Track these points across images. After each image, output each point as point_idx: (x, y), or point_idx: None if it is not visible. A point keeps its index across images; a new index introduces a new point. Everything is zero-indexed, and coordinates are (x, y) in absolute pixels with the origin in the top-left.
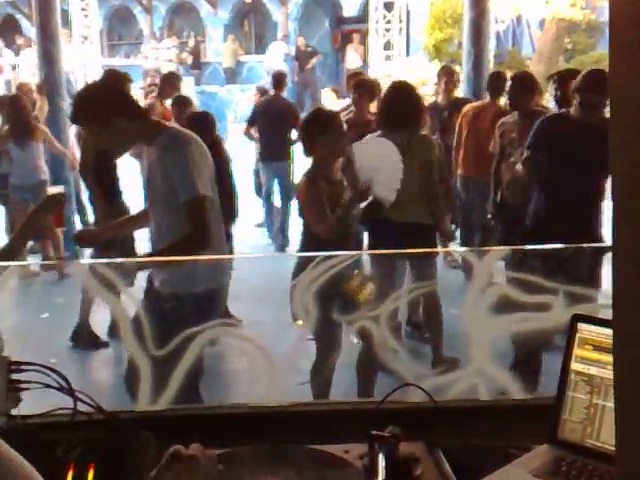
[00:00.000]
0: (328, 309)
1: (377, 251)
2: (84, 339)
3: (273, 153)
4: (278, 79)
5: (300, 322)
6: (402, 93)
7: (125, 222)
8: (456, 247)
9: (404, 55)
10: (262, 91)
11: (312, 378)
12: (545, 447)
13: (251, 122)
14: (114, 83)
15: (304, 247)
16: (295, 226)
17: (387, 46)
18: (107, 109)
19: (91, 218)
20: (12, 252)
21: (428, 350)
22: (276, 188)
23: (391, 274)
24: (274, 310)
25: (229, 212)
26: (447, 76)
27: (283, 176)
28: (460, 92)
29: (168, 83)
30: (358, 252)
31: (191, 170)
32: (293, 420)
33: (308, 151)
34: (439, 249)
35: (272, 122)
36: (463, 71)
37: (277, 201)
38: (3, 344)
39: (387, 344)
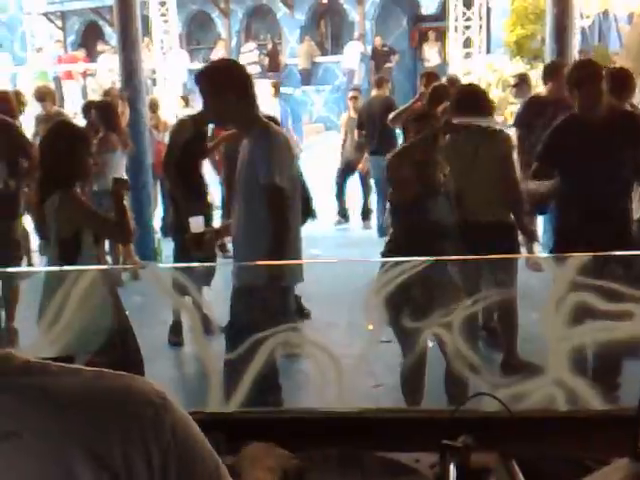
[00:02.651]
0: (400, 314)
1: (452, 257)
2: (177, 336)
3: (381, 146)
4: (378, 81)
5: (371, 327)
6: (473, 90)
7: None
8: (538, 250)
9: (484, 52)
10: (358, 93)
11: (402, 384)
12: (625, 461)
13: (359, 122)
14: (243, 68)
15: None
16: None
17: (466, 43)
18: (227, 81)
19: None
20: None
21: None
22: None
23: (466, 278)
24: (347, 313)
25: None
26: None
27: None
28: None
29: None
30: (430, 258)
31: (272, 160)
32: (363, 426)
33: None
34: (518, 255)
35: (374, 118)
36: None
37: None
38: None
39: (460, 352)
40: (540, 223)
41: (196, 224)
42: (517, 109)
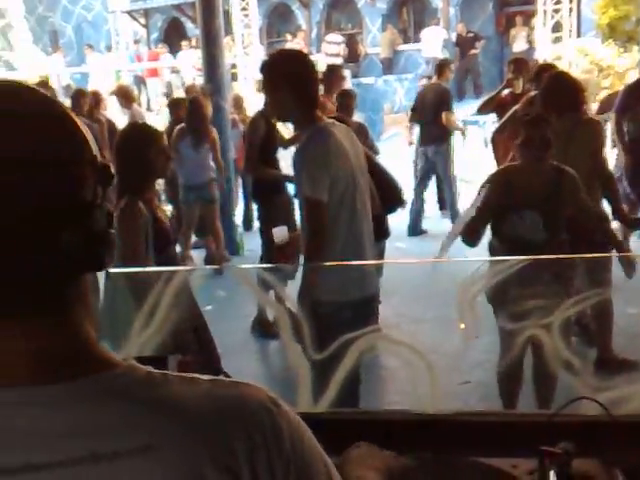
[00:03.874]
0: (497, 315)
1: (547, 256)
2: (262, 329)
3: (430, 137)
4: (438, 67)
5: (462, 325)
6: (563, 78)
7: None
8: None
9: (575, 36)
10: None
11: (499, 386)
12: None
13: (413, 110)
14: (308, 61)
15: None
16: None
17: (556, 27)
18: (283, 76)
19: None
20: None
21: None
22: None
23: (564, 278)
24: (435, 311)
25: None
26: None
27: (441, 159)
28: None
29: (333, 76)
30: (526, 257)
31: (307, 169)
32: (457, 429)
33: None
34: (610, 254)
35: (428, 108)
36: None
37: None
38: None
39: (560, 354)
40: None
41: (280, 234)
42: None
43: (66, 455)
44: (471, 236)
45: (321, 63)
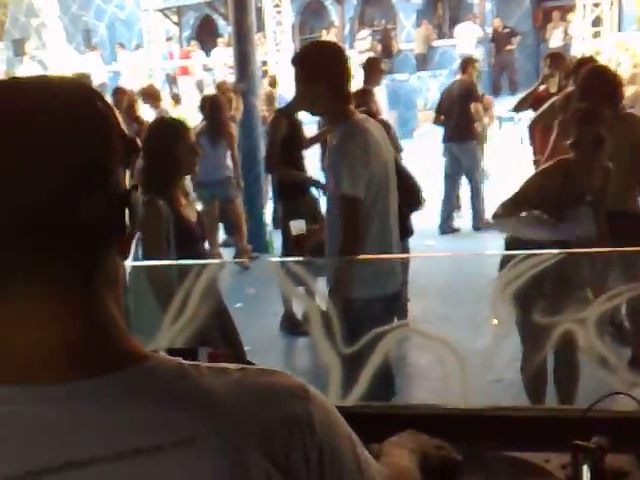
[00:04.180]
0: (529, 310)
1: (585, 250)
2: (290, 326)
3: (456, 134)
4: (463, 64)
5: (495, 321)
6: (602, 72)
7: None
8: None
9: (615, 31)
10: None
11: (523, 381)
12: None
13: (437, 111)
14: (343, 54)
15: None
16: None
17: (596, 22)
18: (317, 68)
19: None
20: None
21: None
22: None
23: (601, 272)
24: (465, 307)
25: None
26: None
27: (467, 157)
28: None
29: (373, 69)
30: (563, 250)
31: (346, 165)
32: (489, 424)
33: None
34: None
35: (454, 104)
36: None
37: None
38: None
39: (594, 350)
40: None
41: (297, 227)
42: None
43: (106, 451)
44: (507, 216)
45: (354, 59)
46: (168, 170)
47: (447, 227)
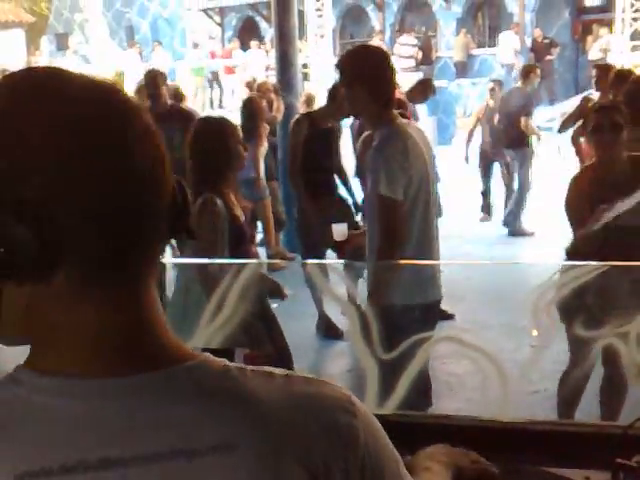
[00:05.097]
0: (571, 322)
1: (629, 263)
2: (324, 329)
3: (508, 141)
4: (524, 71)
5: (535, 332)
6: None
7: None
8: None
9: None
10: (497, 84)
11: (560, 395)
12: None
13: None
14: (387, 59)
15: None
16: None
17: (634, 36)
18: (358, 71)
19: None
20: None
21: None
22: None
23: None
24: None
25: None
26: None
27: (518, 164)
28: None
29: (421, 87)
30: (606, 263)
31: (385, 167)
32: (527, 439)
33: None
34: None
35: (509, 111)
36: None
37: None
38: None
39: (636, 365)
40: None
41: (339, 232)
42: None
43: (144, 450)
44: (584, 241)
45: (395, 65)
46: (220, 166)
47: (516, 230)
